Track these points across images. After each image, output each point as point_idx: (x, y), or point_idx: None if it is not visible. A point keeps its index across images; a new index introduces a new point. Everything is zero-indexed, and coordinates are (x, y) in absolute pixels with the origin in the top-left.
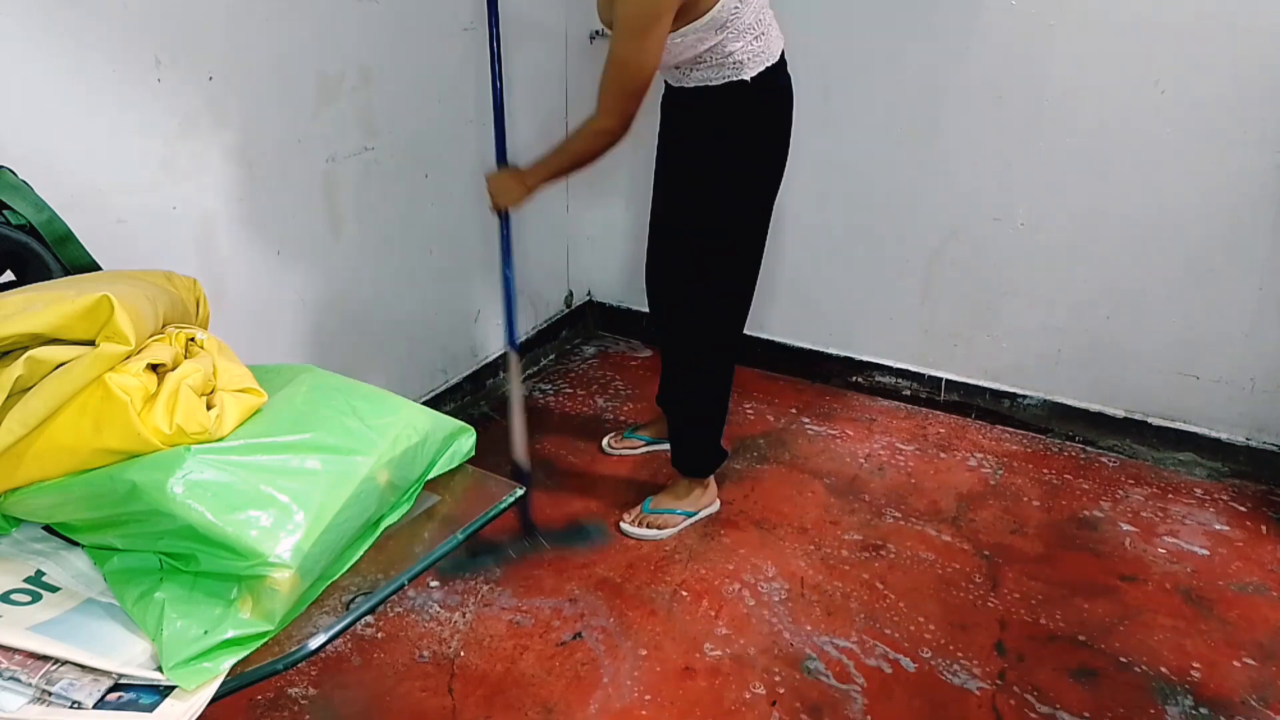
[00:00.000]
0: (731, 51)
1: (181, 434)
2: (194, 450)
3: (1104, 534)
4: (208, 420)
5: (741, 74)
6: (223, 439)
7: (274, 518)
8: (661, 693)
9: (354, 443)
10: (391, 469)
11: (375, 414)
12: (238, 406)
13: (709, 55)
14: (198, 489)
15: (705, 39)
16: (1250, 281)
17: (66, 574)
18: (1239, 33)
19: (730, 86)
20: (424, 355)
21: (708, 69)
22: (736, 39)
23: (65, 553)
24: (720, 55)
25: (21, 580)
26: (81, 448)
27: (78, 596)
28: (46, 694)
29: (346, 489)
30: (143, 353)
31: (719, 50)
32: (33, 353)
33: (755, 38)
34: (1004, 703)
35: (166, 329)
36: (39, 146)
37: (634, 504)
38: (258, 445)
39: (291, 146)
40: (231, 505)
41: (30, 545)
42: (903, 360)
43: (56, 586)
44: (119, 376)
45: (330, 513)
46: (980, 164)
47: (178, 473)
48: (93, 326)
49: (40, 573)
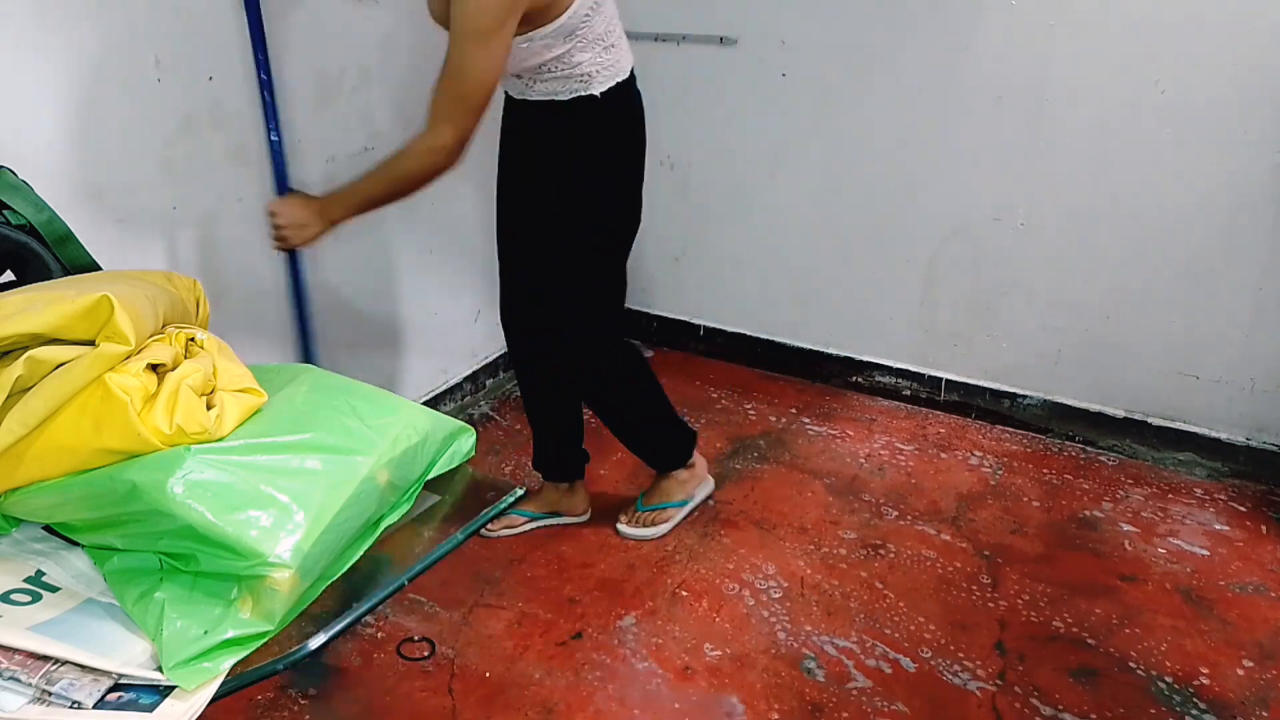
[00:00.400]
0: (579, 62)
1: (181, 434)
2: (194, 450)
3: (1104, 534)
4: (208, 420)
5: (590, 88)
6: (223, 439)
7: (274, 518)
8: (661, 692)
9: (354, 443)
10: (391, 469)
11: (375, 414)
12: (238, 406)
13: (555, 65)
14: (198, 489)
15: (552, 46)
16: (1250, 281)
17: (66, 574)
18: (1239, 33)
19: (579, 102)
20: (424, 355)
21: (553, 80)
22: (585, 49)
23: (65, 553)
24: (567, 66)
25: (21, 580)
26: (81, 448)
27: (78, 596)
28: (46, 694)
29: (346, 489)
30: (143, 353)
31: (566, 60)
32: (33, 353)
33: (605, 49)
34: (1004, 703)
35: (166, 329)
36: (39, 146)
37: (630, 502)
38: (258, 445)
39: (291, 146)
40: (231, 505)
41: (30, 545)
42: (903, 360)
43: (56, 586)
44: (119, 376)
45: (330, 513)
46: (980, 164)
47: (178, 473)
48: (93, 326)
49: (40, 573)
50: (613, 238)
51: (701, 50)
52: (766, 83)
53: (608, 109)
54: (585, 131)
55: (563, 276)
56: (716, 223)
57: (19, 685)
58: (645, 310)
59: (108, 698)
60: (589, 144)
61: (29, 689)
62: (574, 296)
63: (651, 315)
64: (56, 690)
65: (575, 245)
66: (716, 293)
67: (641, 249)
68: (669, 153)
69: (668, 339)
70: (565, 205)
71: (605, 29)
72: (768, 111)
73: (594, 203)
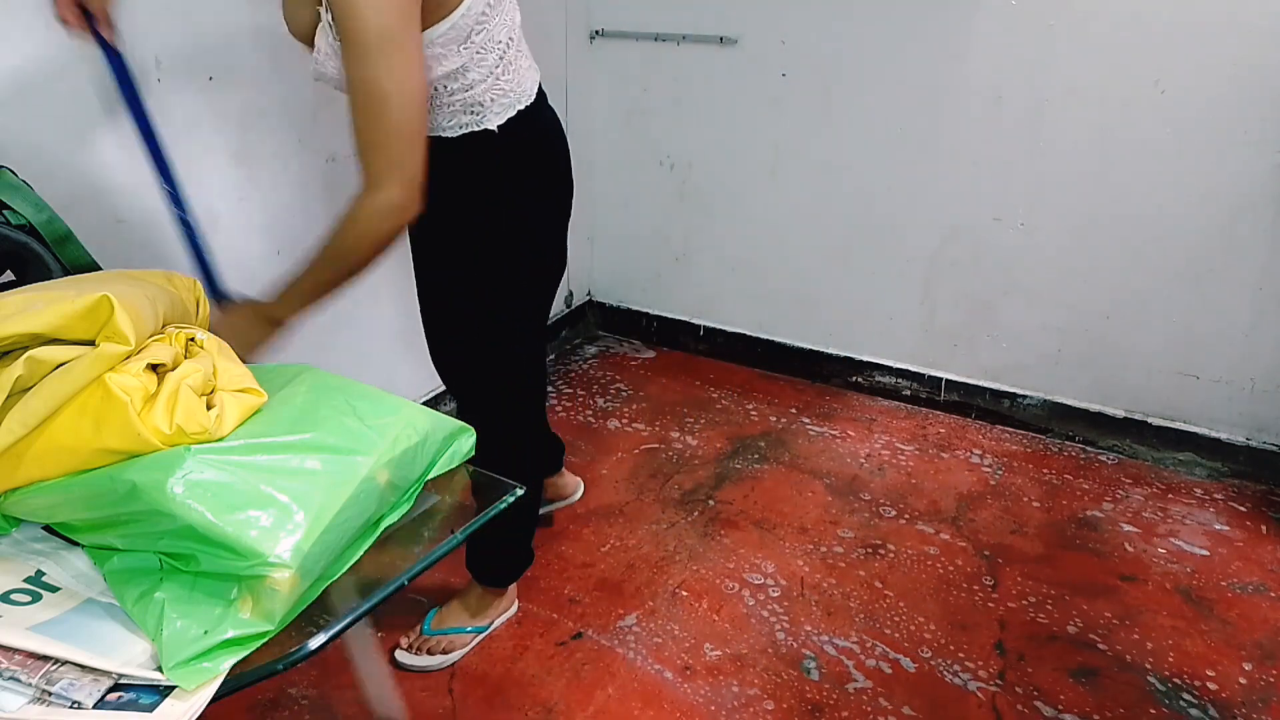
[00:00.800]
0: (470, 84)
1: (181, 434)
2: (194, 450)
3: (1104, 534)
4: (208, 420)
5: (484, 121)
6: (223, 439)
7: (274, 518)
8: (661, 693)
9: (354, 443)
10: (391, 469)
11: (375, 414)
12: (238, 406)
13: (443, 87)
14: (198, 489)
15: (443, 58)
16: (1249, 281)
17: (66, 574)
18: (1239, 33)
19: (469, 139)
20: (424, 355)
21: (438, 112)
22: (479, 64)
23: (65, 553)
24: (458, 89)
25: (21, 580)
26: (81, 448)
27: (78, 596)
28: (46, 694)
29: (346, 489)
30: (143, 353)
31: (457, 79)
32: (33, 353)
33: (504, 67)
34: (1004, 703)
35: (166, 329)
36: (39, 146)
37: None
38: (258, 445)
39: (291, 146)
40: (231, 505)
41: (30, 545)
42: (903, 360)
43: (56, 586)
44: (119, 376)
45: (330, 513)
46: (980, 164)
47: (178, 473)
48: (93, 326)
49: (40, 573)
50: (531, 293)
51: (701, 50)
52: (766, 83)
53: (507, 145)
54: (481, 175)
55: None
56: (716, 223)
57: (19, 685)
58: (645, 310)
59: (108, 698)
60: (486, 190)
61: (29, 689)
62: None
63: (651, 315)
64: (56, 690)
65: (492, 308)
66: (716, 293)
67: (641, 249)
68: (669, 153)
69: (668, 339)
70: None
71: (506, 36)
72: (768, 111)
73: (508, 256)
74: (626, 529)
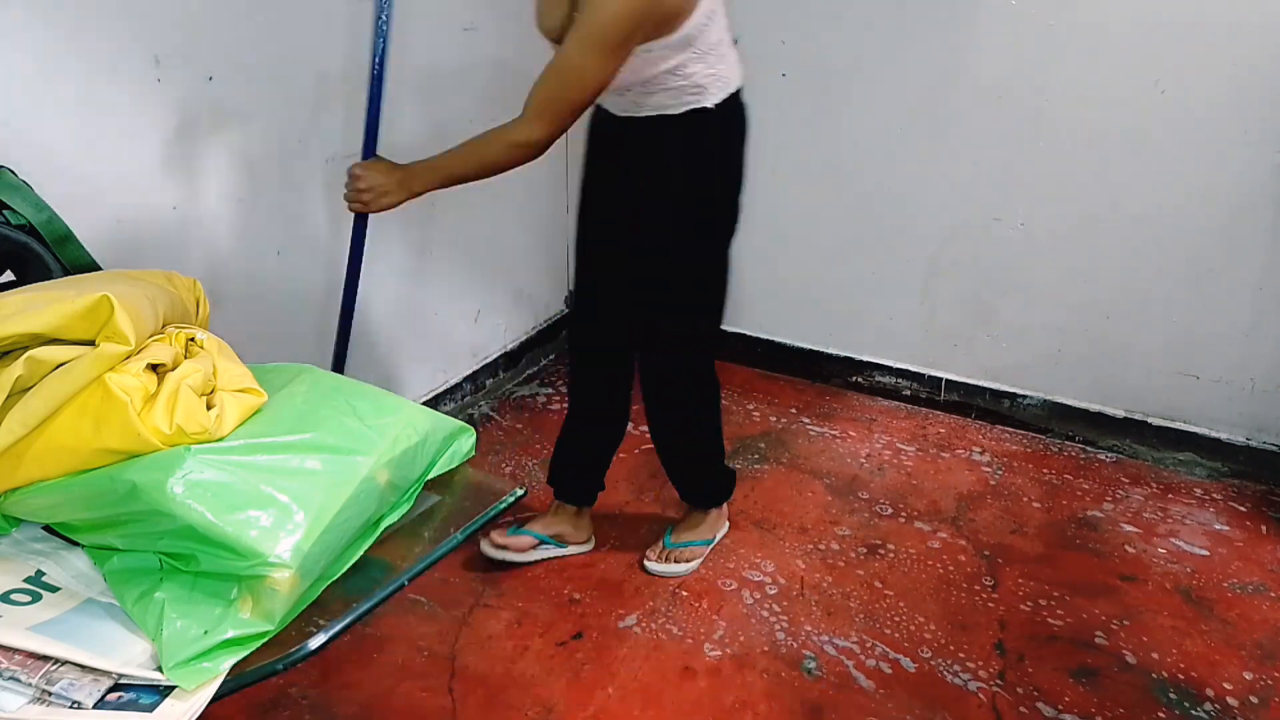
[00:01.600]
0: (693, 73)
1: (181, 434)
2: (194, 450)
3: (1104, 534)
4: (208, 420)
5: (703, 100)
6: (223, 439)
7: (274, 518)
8: (661, 693)
9: (354, 443)
10: (391, 469)
11: (375, 414)
12: (238, 406)
13: (668, 77)
14: (198, 489)
15: (669, 57)
16: (1249, 281)
17: (66, 574)
18: (1239, 33)
19: (692, 115)
20: (424, 355)
21: (665, 94)
22: (699, 59)
23: (65, 553)
24: (681, 77)
25: (21, 580)
26: (81, 448)
27: (78, 596)
28: (46, 694)
29: (346, 489)
30: (143, 353)
31: (680, 71)
32: (33, 353)
33: (718, 59)
34: (1004, 703)
35: (166, 329)
36: (39, 146)
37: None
38: (258, 445)
39: (291, 146)
40: (231, 505)
41: (30, 545)
42: (903, 360)
43: (56, 586)
44: (119, 376)
45: (330, 513)
46: (980, 164)
47: (178, 473)
48: (93, 326)
49: (40, 573)
50: (720, 248)
51: None
52: (766, 83)
53: (721, 121)
54: (697, 146)
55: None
56: None
57: (19, 685)
58: None
59: (108, 698)
60: (701, 158)
61: (29, 689)
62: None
63: None
64: (56, 690)
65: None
66: None
67: None
68: None
69: None
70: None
71: (718, 38)
72: (768, 111)
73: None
74: (627, 529)
